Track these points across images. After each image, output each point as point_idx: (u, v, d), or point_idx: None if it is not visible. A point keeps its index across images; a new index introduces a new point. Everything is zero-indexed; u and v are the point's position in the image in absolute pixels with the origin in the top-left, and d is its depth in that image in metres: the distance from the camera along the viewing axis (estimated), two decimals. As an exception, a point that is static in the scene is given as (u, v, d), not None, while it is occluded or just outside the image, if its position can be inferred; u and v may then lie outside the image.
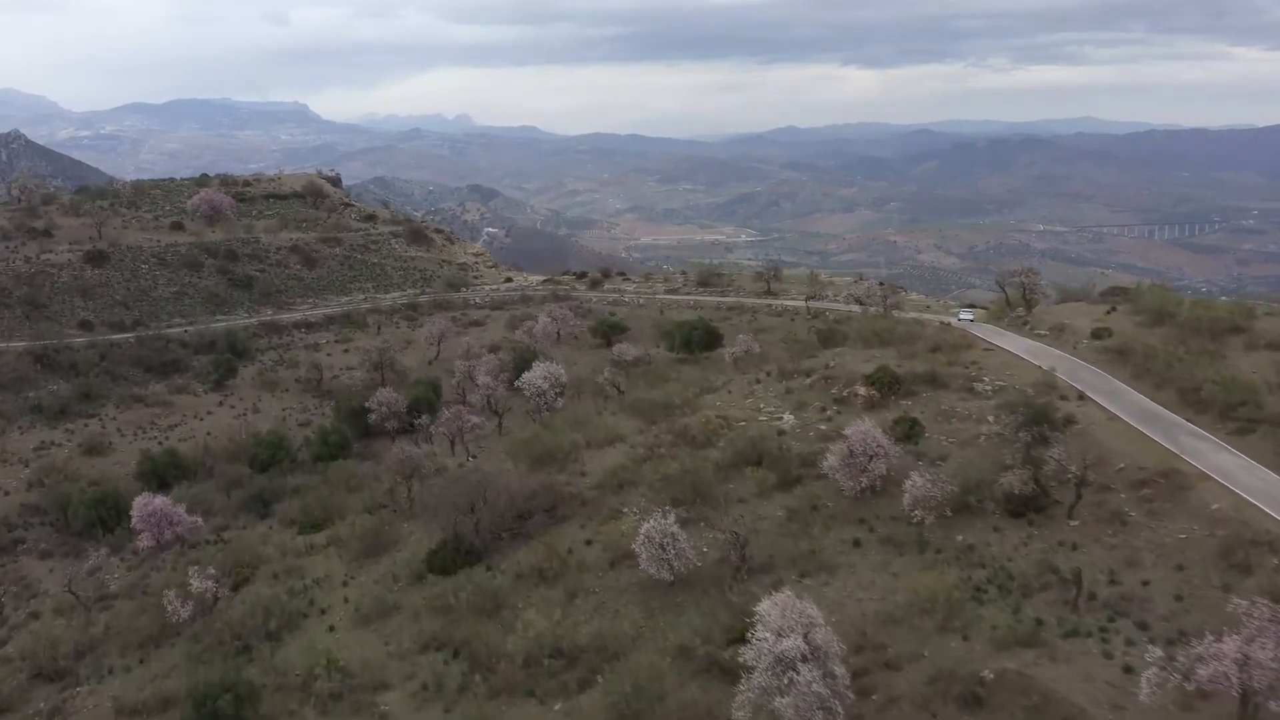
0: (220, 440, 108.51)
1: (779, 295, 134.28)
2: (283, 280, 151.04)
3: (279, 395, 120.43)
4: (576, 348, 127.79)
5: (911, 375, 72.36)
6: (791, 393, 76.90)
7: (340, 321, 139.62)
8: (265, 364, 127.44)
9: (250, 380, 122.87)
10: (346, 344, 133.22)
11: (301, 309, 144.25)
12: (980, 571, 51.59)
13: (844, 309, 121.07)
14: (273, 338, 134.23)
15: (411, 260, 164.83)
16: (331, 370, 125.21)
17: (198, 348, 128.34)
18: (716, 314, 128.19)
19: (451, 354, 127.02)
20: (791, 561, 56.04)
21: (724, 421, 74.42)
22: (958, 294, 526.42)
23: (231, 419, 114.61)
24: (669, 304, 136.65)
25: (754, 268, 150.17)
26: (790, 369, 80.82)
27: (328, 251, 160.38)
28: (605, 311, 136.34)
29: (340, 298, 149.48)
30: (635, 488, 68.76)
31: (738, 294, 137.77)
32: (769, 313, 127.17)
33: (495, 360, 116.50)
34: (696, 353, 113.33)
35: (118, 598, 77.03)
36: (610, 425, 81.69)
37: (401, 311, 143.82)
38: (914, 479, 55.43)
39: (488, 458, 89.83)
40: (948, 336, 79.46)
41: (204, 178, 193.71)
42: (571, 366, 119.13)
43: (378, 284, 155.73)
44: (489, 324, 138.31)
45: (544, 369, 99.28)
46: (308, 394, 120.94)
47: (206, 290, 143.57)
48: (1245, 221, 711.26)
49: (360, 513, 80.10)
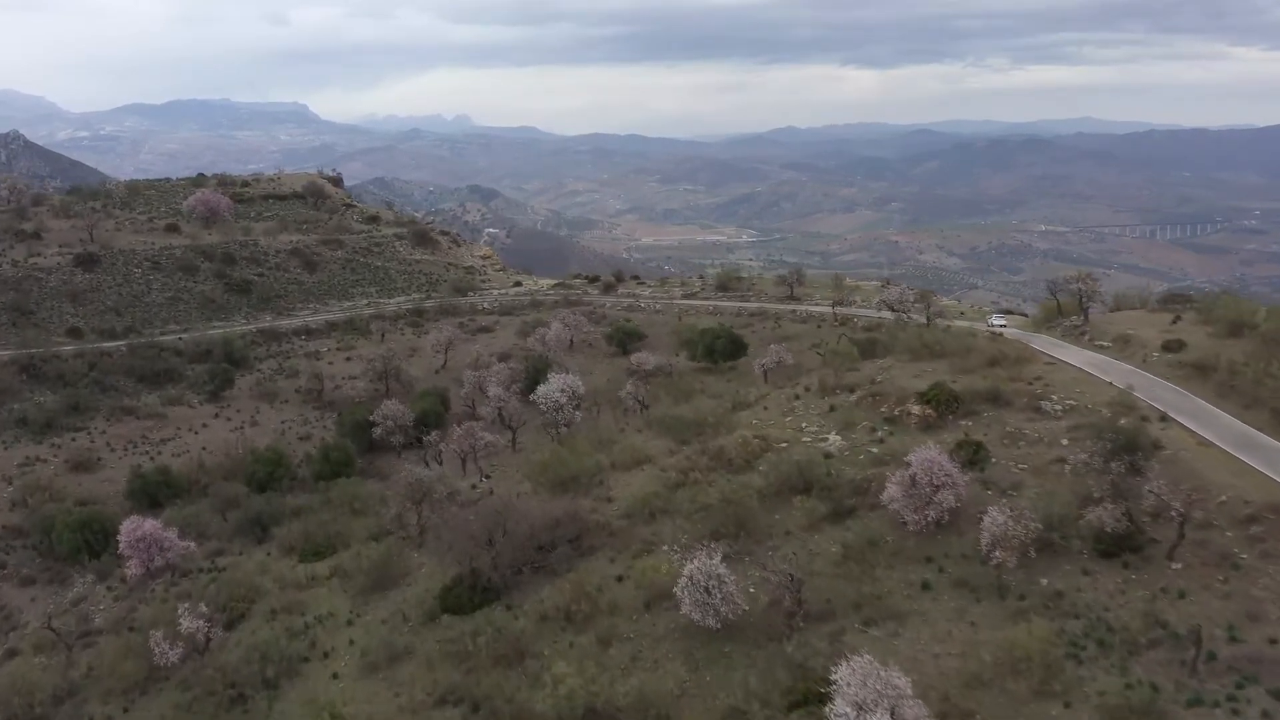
0: (216, 456, 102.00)
1: (802, 301, 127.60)
2: (282, 285, 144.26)
3: (278, 407, 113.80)
4: (591, 356, 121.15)
5: (970, 392, 65.81)
6: (836, 410, 70.37)
7: (342, 328, 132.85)
8: (264, 373, 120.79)
9: (248, 391, 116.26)
10: (349, 352, 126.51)
11: (302, 315, 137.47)
12: (1074, 623, 45.15)
13: (873, 315, 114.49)
14: (271, 345, 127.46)
15: (416, 263, 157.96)
16: (333, 380, 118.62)
17: (193, 356, 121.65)
18: (738, 321, 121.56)
19: (459, 362, 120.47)
20: (853, 607, 49.67)
21: (763, 442, 67.93)
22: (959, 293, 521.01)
23: (228, 432, 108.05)
24: (687, 310, 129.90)
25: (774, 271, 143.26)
26: (832, 384, 74.22)
27: (329, 254, 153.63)
28: (620, 317, 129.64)
29: (342, 303, 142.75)
30: (669, 517, 62.38)
31: (759, 299, 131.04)
32: (793, 319, 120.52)
33: (506, 370, 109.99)
34: (720, 362, 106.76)
35: (102, 634, 70.67)
36: (636, 445, 75.17)
37: (406, 317, 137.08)
38: (993, 515, 48.96)
39: (502, 478, 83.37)
40: (1006, 349, 72.72)
41: (200, 178, 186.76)
42: (587, 376, 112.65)
43: (381, 288, 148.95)
44: (498, 330, 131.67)
45: (561, 381, 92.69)
46: (308, 405, 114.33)
47: (202, 295, 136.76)
48: (1247, 222, 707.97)
49: (366, 540, 73.82)
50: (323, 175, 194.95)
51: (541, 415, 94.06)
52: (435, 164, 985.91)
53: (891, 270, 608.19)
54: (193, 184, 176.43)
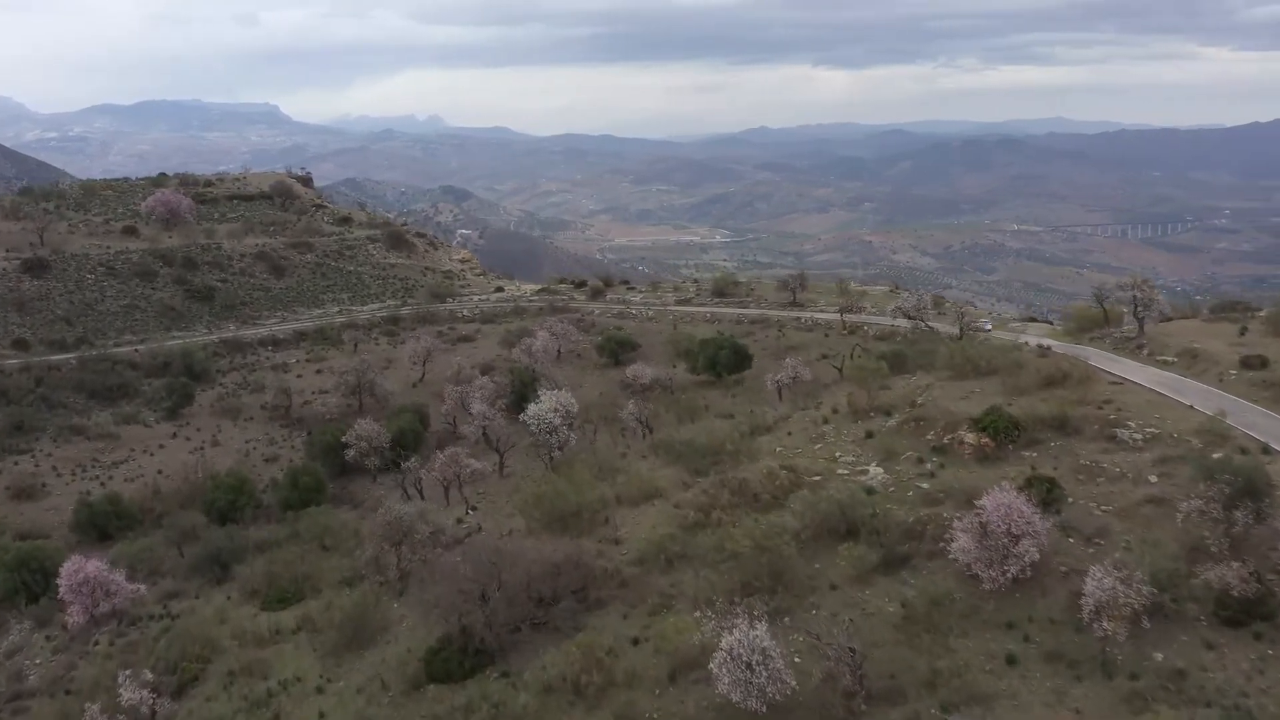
0: (173, 481, 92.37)
1: (806, 307, 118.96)
2: (247, 291, 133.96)
3: (242, 424, 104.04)
4: (580, 367, 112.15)
5: (1031, 418, 57.27)
6: (874, 438, 61.73)
7: (312, 338, 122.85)
8: (227, 388, 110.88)
9: (209, 407, 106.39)
10: (319, 364, 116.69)
11: (268, 323, 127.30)
12: (1207, 713, 36.62)
13: (885, 323, 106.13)
14: (235, 357, 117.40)
15: (391, 268, 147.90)
16: (302, 395, 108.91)
17: (149, 369, 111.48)
18: (738, 329, 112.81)
19: (439, 375, 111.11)
20: (924, 686, 41.11)
21: (793, 475, 59.23)
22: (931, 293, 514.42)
23: (187, 454, 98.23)
24: (682, 317, 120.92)
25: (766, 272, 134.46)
26: (865, 405, 65.54)
27: (298, 258, 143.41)
28: (610, 325, 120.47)
29: (312, 310, 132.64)
30: (688, 564, 53.70)
31: (759, 305, 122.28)
32: (798, 327, 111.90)
33: (490, 384, 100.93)
34: (724, 376, 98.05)
35: (35, 696, 61.12)
36: (644, 475, 66.35)
37: (381, 326, 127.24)
38: (1097, 576, 40.38)
39: (490, 510, 74.28)
40: (1065, 366, 64.11)
41: (162, 177, 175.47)
42: (577, 390, 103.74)
43: (354, 294, 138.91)
44: (480, 340, 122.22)
45: (553, 398, 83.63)
46: (275, 423, 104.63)
47: (161, 303, 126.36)
48: (1218, 221, 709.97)
49: (338, 584, 64.70)
50: (291, 174, 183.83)
51: (531, 435, 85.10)
52: (408, 165, 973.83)
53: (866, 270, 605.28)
54: (153, 184, 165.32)
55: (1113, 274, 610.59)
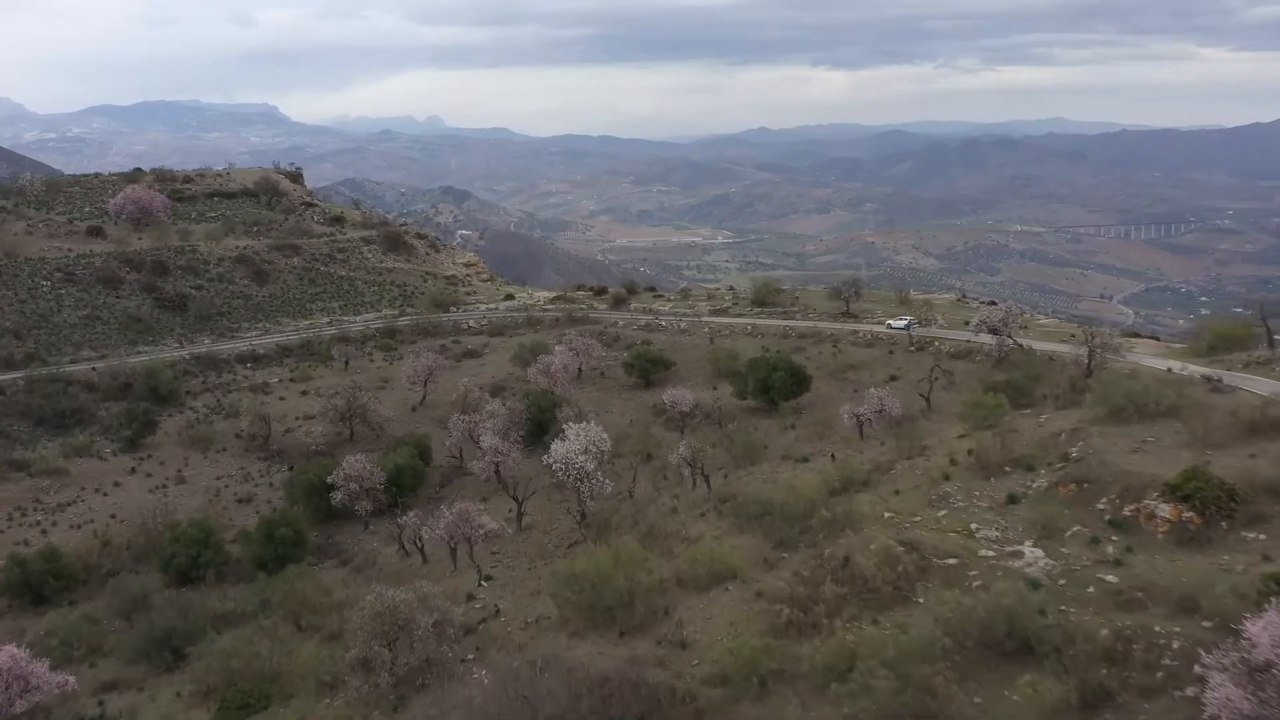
0: (127, 528, 76.83)
1: (861, 318, 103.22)
2: (225, 300, 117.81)
3: (213, 457, 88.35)
4: (604, 388, 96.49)
5: (1248, 483, 41.68)
6: (1018, 503, 46.13)
7: (297, 353, 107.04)
8: (197, 412, 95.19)
9: (175, 436, 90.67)
10: (305, 384, 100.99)
11: (248, 336, 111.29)
12: None
13: (957, 337, 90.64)
14: (209, 376, 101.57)
15: (388, 272, 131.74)
16: (284, 421, 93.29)
17: (109, 391, 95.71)
18: (785, 344, 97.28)
19: (442, 397, 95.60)
20: None
21: (917, 555, 43.63)
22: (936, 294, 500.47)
23: (147, 493, 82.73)
24: (719, 329, 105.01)
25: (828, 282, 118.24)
26: (998, 457, 49.87)
27: (283, 262, 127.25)
28: (638, 339, 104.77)
29: (298, 321, 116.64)
30: (789, 687, 38.18)
31: (805, 315, 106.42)
32: (855, 342, 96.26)
33: (503, 411, 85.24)
34: (779, 402, 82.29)
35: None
36: (711, 548, 50.54)
37: (376, 339, 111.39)
38: None
39: (509, 582, 58.61)
40: (1271, 410, 48.39)
41: (137, 172, 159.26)
42: (602, 415, 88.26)
43: (345, 303, 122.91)
44: (488, 355, 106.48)
45: (582, 435, 67.91)
46: (251, 455, 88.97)
47: (126, 314, 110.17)
48: (1221, 221, 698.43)
49: (315, 688, 49.25)
50: (279, 169, 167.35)
51: (554, 476, 69.48)
52: (407, 165, 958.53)
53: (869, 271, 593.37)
54: (125, 179, 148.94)
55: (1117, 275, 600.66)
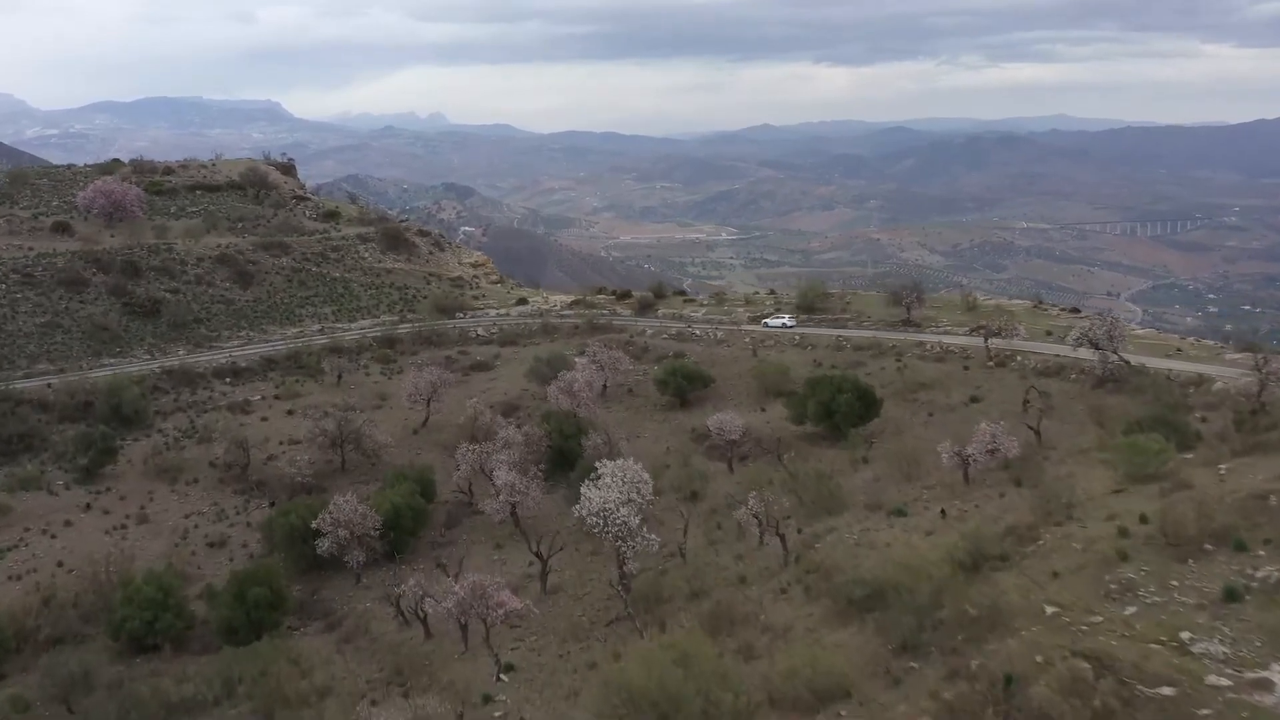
0: (77, 580, 63.19)
1: (923, 326, 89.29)
2: (203, 304, 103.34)
3: (182, 490, 74.47)
4: (634, 408, 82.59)
5: None
6: (1240, 599, 32.18)
7: (283, 366, 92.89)
8: (166, 436, 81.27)
9: (140, 465, 76.76)
10: (291, 402, 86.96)
11: (228, 347, 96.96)
12: None
13: (1042, 351, 76.81)
14: (182, 393, 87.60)
15: (387, 274, 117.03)
16: (266, 447, 79.22)
17: (65, 411, 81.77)
18: (840, 357, 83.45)
19: (448, 417, 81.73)
20: None
21: (1106, 674, 29.75)
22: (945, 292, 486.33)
23: (103, 534, 69.01)
24: (762, 339, 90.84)
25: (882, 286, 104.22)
26: (1193, 528, 36.03)
27: (270, 263, 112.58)
28: (669, 350, 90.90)
29: (285, 329, 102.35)
30: None
31: (858, 323, 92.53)
32: (921, 355, 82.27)
33: (519, 437, 71.51)
34: (845, 429, 68.41)
35: None
36: (810, 652, 36.60)
37: (373, 350, 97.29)
38: None
39: (534, 676, 44.73)
40: None
41: (114, 163, 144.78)
42: (633, 441, 74.62)
43: (339, 308, 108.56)
44: (500, 368, 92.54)
45: (618, 476, 53.94)
46: (226, 487, 75.05)
47: (90, 321, 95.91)
48: (1227, 219, 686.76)
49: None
50: (270, 161, 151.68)
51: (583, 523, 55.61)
52: (409, 162, 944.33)
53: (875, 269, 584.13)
54: (100, 171, 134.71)
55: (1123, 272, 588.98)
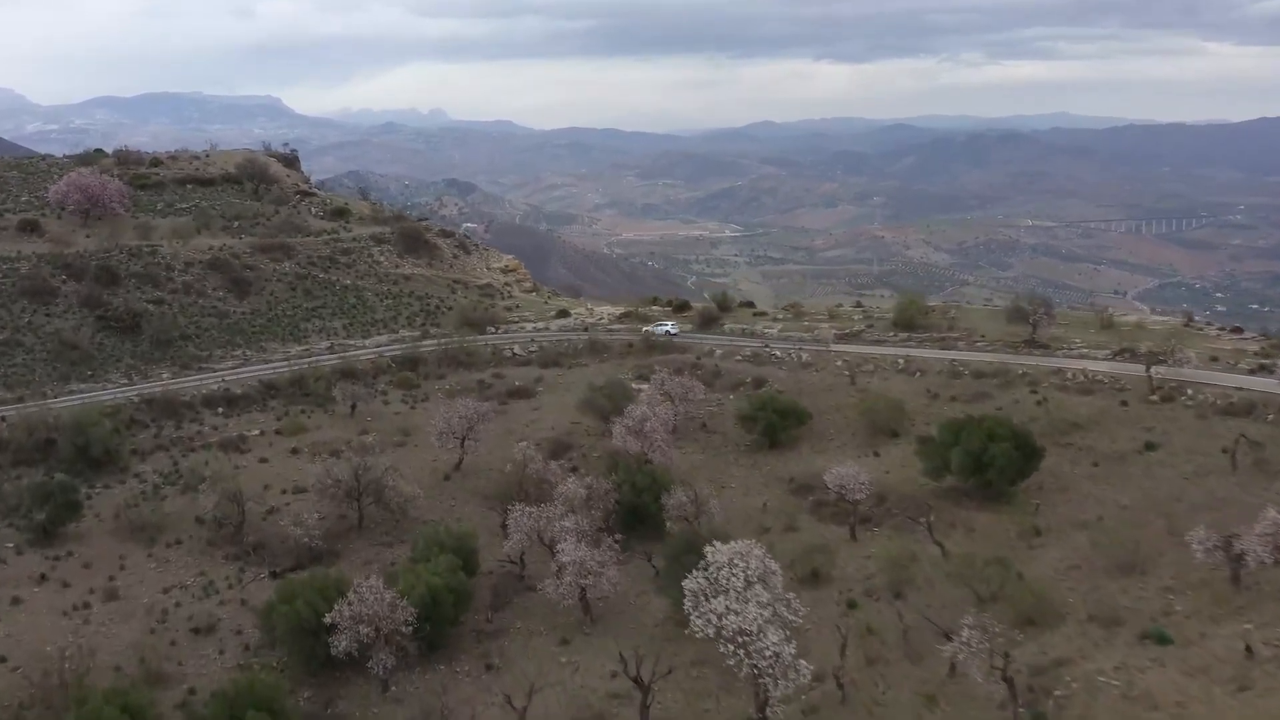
0: (22, 683, 47.64)
1: (1053, 348, 73.45)
2: (192, 317, 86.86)
3: (162, 555, 58.77)
4: (711, 449, 66.86)
5: None
6: None
7: (286, 393, 76.78)
8: (144, 483, 65.55)
9: (110, 522, 61.04)
10: (295, 438, 71.15)
11: (220, 369, 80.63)
12: None
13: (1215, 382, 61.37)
14: (164, 426, 71.73)
15: (405, 281, 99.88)
16: (265, 497, 63.37)
17: (21, 452, 66.03)
18: (959, 386, 67.81)
19: (485, 458, 66.03)
20: None
21: None
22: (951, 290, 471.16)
23: (60, 616, 53.44)
24: (859, 363, 74.64)
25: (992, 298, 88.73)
26: None
27: (271, 268, 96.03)
28: (746, 375, 75.04)
29: (288, 347, 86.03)
30: None
31: (970, 344, 76.56)
32: (1062, 386, 66.35)
33: (580, 491, 55.96)
34: (1002, 486, 52.71)
35: None
36: None
37: (392, 372, 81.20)
38: None
39: None
40: None
41: (96, 154, 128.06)
42: (721, 492, 59.23)
43: (351, 321, 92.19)
44: (543, 396, 76.63)
45: (746, 571, 38.44)
46: (217, 550, 59.34)
47: (57, 337, 79.53)
48: (1232, 217, 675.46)
49: None
50: (270, 152, 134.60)
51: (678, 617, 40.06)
52: (410, 158, 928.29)
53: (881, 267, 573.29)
54: (79, 162, 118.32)
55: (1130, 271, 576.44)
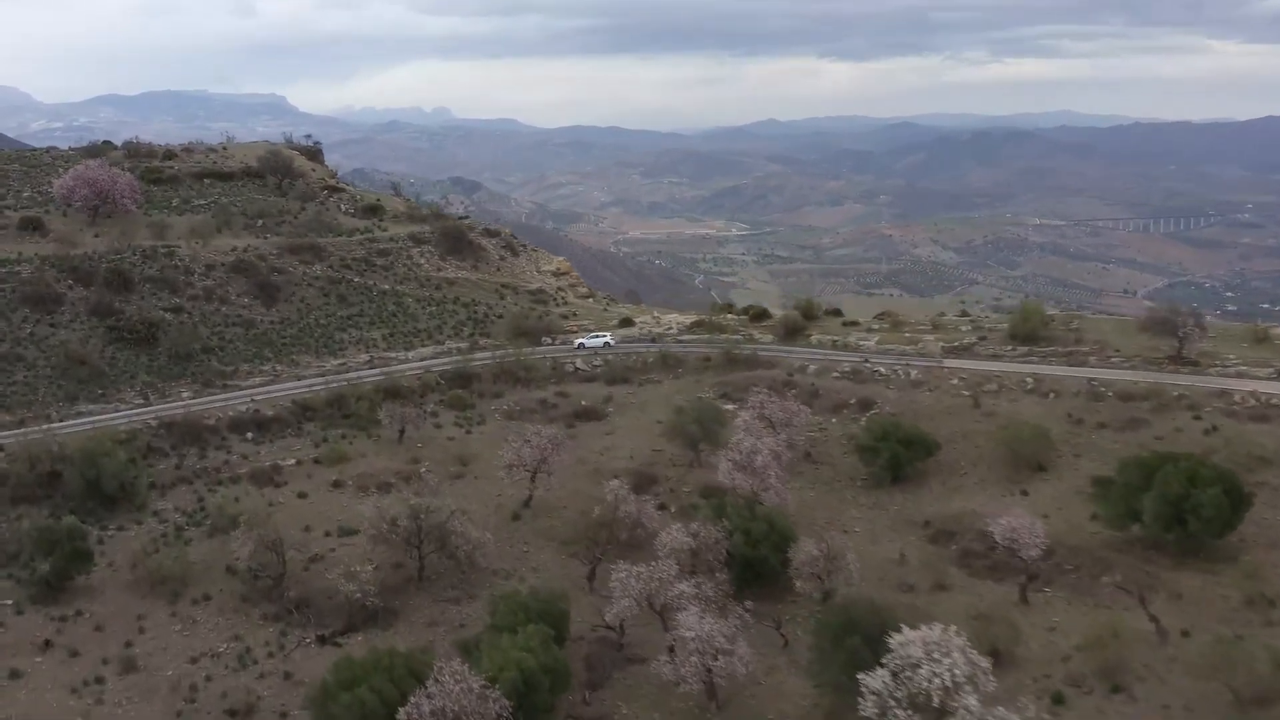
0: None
1: (1202, 365, 63.74)
2: (215, 328, 76.80)
3: (187, 614, 48.99)
4: (821, 484, 57.02)
5: None
6: None
7: (323, 415, 67.00)
8: (165, 523, 55.73)
9: (127, 572, 51.25)
10: (337, 467, 61.30)
11: (248, 386, 70.64)
12: None
13: None
14: (187, 454, 61.88)
15: (449, 285, 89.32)
16: (307, 541, 53.58)
17: (21, 488, 56.21)
18: (1104, 410, 58.00)
19: (557, 493, 56.24)
20: None
21: None
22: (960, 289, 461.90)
23: (68, 694, 43.76)
24: (979, 381, 64.60)
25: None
26: None
27: (300, 271, 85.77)
28: (846, 394, 65.09)
29: (323, 360, 76.04)
30: None
31: (1100, 358, 66.61)
32: (1230, 411, 56.47)
33: (686, 541, 46.15)
34: (1205, 539, 42.91)
35: None
36: None
37: (441, 390, 71.29)
38: None
39: None
40: None
41: (104, 146, 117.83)
42: (848, 535, 49.38)
43: (392, 331, 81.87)
44: (615, 417, 66.74)
45: (947, 670, 28.82)
46: (254, 608, 49.59)
47: (63, 351, 69.56)
48: (1240, 215, 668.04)
49: None
50: (292, 145, 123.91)
51: None
52: (414, 156, 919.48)
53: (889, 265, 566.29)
54: (86, 154, 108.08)
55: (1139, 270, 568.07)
